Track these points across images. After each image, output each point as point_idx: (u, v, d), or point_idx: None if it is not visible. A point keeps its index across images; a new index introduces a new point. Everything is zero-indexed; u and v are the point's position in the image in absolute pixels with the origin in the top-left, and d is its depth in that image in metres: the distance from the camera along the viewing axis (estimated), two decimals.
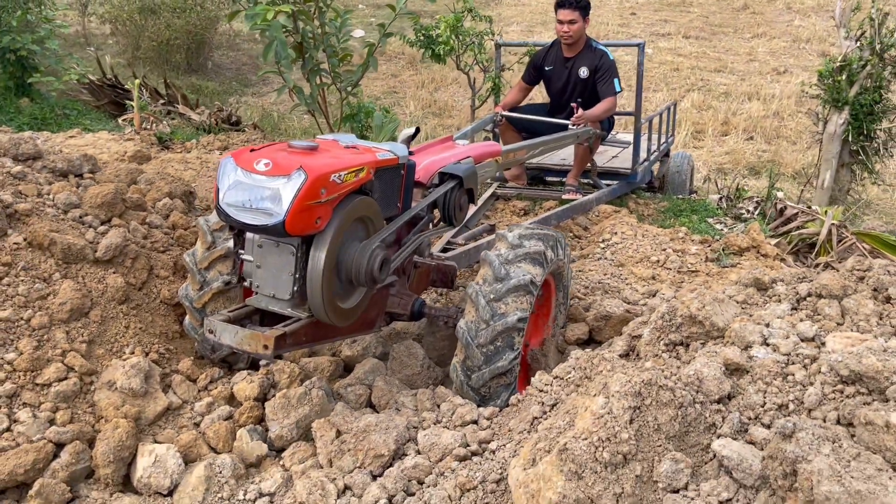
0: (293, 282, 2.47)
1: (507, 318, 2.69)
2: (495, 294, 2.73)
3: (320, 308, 2.49)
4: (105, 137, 6.22)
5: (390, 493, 2.27)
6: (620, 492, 1.62)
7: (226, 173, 2.41)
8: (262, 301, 2.60)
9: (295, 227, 2.31)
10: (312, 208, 2.32)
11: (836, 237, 4.85)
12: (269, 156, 2.39)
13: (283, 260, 2.48)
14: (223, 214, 2.42)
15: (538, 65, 5.93)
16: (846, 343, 1.79)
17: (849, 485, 1.31)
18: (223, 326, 2.50)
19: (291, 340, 2.54)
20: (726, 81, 14.10)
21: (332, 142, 2.76)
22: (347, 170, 2.43)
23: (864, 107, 6.93)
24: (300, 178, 2.28)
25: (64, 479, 2.52)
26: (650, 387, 1.67)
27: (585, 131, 5.23)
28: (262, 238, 2.50)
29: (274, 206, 2.29)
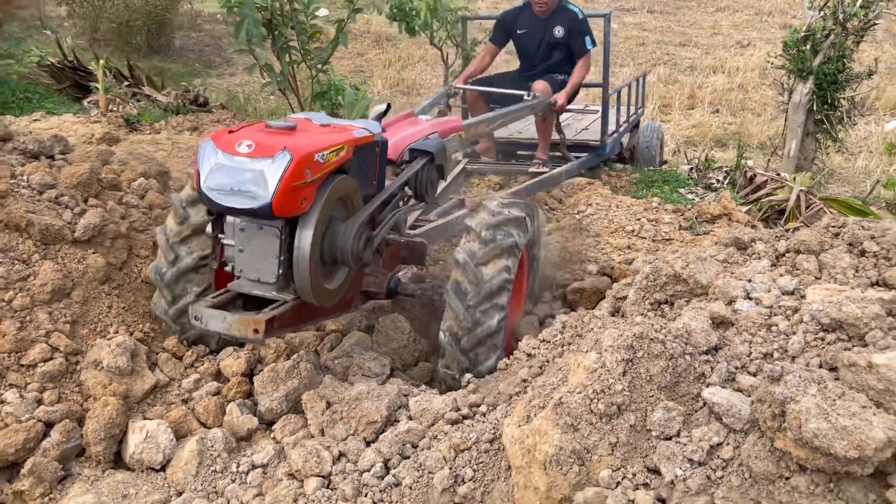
0: (278, 264, 2.44)
1: (493, 281, 2.73)
2: (482, 257, 2.78)
3: (307, 290, 2.47)
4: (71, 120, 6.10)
5: (386, 457, 2.31)
6: (616, 441, 1.67)
7: (206, 157, 2.35)
8: (245, 285, 2.55)
9: (282, 208, 2.28)
10: (298, 189, 2.30)
11: (805, 203, 4.98)
12: (250, 137, 2.34)
13: (268, 243, 2.44)
14: (206, 199, 2.36)
15: (508, 28, 5.83)
16: (825, 294, 1.86)
17: (835, 421, 1.38)
18: (209, 313, 2.46)
19: (279, 323, 2.51)
20: (691, 55, 14.26)
21: (305, 121, 2.73)
22: (329, 149, 2.41)
23: (828, 76, 7.07)
24: (285, 159, 2.25)
25: (55, 458, 2.51)
26: (642, 340, 1.72)
27: (540, 102, 5.21)
28: (244, 221, 2.45)
29: (259, 189, 2.25)
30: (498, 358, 2.77)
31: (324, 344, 3.33)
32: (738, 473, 1.57)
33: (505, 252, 2.80)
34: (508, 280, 2.76)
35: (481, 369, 2.77)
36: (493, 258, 2.78)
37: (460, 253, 2.81)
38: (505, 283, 2.75)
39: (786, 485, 1.52)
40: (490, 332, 2.74)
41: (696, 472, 1.59)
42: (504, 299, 2.77)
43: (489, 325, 2.73)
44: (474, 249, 2.80)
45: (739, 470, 1.57)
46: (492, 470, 2.11)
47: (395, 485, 2.21)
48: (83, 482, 2.53)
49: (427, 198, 3.27)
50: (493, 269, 2.77)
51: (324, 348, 3.31)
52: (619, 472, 1.66)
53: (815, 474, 1.49)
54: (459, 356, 2.77)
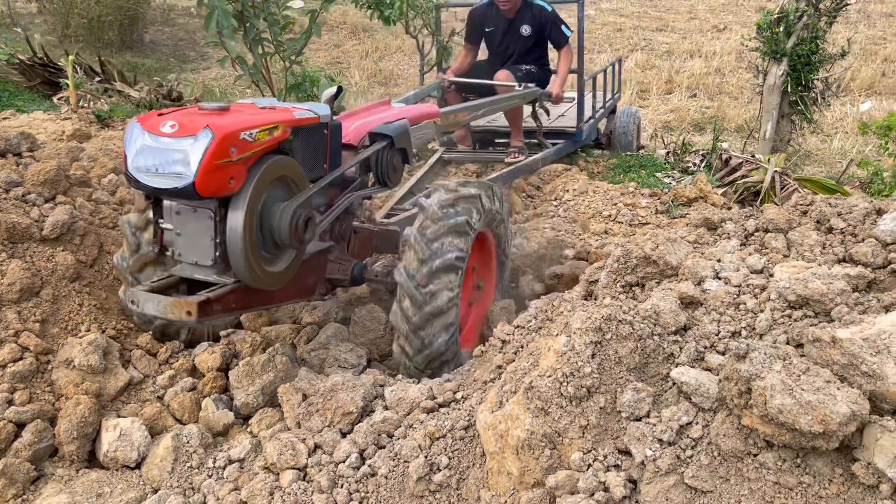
0: (214, 247, 2.42)
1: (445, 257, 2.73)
2: (433, 234, 2.77)
3: (244, 272, 2.43)
4: (41, 118, 6.00)
5: (361, 448, 2.29)
6: (586, 423, 1.67)
7: (132, 138, 2.34)
8: (185, 269, 2.53)
9: (206, 188, 2.25)
10: (223, 168, 2.26)
11: (780, 184, 5.01)
12: (175, 118, 2.32)
13: (202, 225, 2.42)
14: (132, 181, 2.35)
15: (478, 23, 5.86)
16: (792, 271, 1.87)
17: (800, 396, 1.39)
18: (145, 296, 2.43)
19: (219, 307, 2.47)
20: (668, 40, 14.29)
21: (248, 104, 2.70)
22: (259, 128, 2.37)
23: (802, 57, 7.11)
24: (207, 138, 2.22)
25: (27, 458, 2.48)
26: (610, 322, 1.72)
27: (532, 92, 5.23)
28: (179, 204, 2.44)
29: (183, 169, 2.24)
30: (451, 338, 2.76)
31: (300, 336, 3.31)
32: (707, 452, 1.57)
33: (454, 229, 2.77)
34: (459, 258, 2.73)
35: (433, 349, 2.75)
36: (442, 235, 2.75)
37: (410, 231, 2.79)
38: (455, 261, 2.72)
39: (754, 461, 1.52)
40: (438, 310, 2.72)
41: (665, 451, 1.60)
42: (453, 278, 2.74)
43: (438, 305, 2.71)
44: (425, 227, 2.78)
45: (709, 448, 1.57)
46: (467, 457, 2.11)
47: (371, 475, 2.20)
48: (56, 482, 2.50)
49: (389, 182, 3.24)
50: (443, 247, 2.75)
51: (300, 341, 3.29)
52: (589, 454, 1.66)
53: (782, 450, 1.49)
54: (411, 336, 2.75)
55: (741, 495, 1.51)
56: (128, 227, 3.01)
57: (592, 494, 1.60)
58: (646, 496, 1.58)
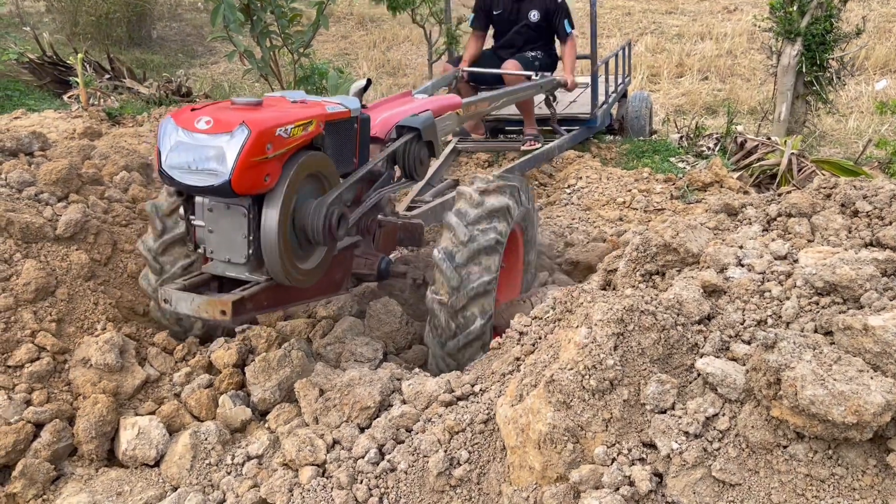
0: (247, 244, 2.38)
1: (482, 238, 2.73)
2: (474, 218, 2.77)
3: (278, 270, 2.41)
4: (52, 116, 6.01)
5: (380, 443, 2.27)
6: (609, 417, 1.64)
7: (166, 134, 2.29)
8: (218, 267, 2.50)
9: (242, 185, 2.21)
10: (259, 165, 2.22)
11: (797, 166, 4.93)
12: (210, 114, 2.28)
13: (235, 222, 2.38)
14: (167, 178, 2.31)
15: (487, 9, 5.81)
16: (818, 257, 1.82)
17: (832, 387, 1.35)
18: (178, 295, 2.40)
19: (252, 305, 2.45)
20: (678, 23, 14.13)
21: (279, 98, 2.66)
22: (294, 123, 2.33)
23: (816, 37, 6.99)
24: (243, 134, 2.18)
25: (47, 458, 2.48)
26: (632, 312, 1.69)
27: (549, 80, 5.17)
28: (212, 201, 2.40)
29: (219, 166, 2.19)
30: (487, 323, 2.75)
31: (316, 331, 3.29)
32: (734, 444, 1.53)
33: (485, 250, 2.75)
34: (492, 280, 2.72)
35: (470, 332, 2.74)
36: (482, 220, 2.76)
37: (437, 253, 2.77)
38: (488, 283, 2.71)
39: (784, 453, 1.49)
40: (474, 335, 2.71)
41: (692, 444, 1.56)
42: (488, 301, 2.73)
43: (475, 286, 2.69)
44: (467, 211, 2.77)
45: (736, 441, 1.54)
46: (487, 451, 2.08)
47: (391, 470, 2.18)
48: (76, 481, 2.50)
49: (416, 175, 3.21)
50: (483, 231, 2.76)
51: (316, 335, 3.27)
52: (613, 448, 1.63)
53: (814, 441, 1.46)
54: (446, 357, 2.75)
55: (771, 488, 1.47)
56: (154, 212, 2.99)
57: (617, 489, 1.57)
58: (672, 490, 1.55)
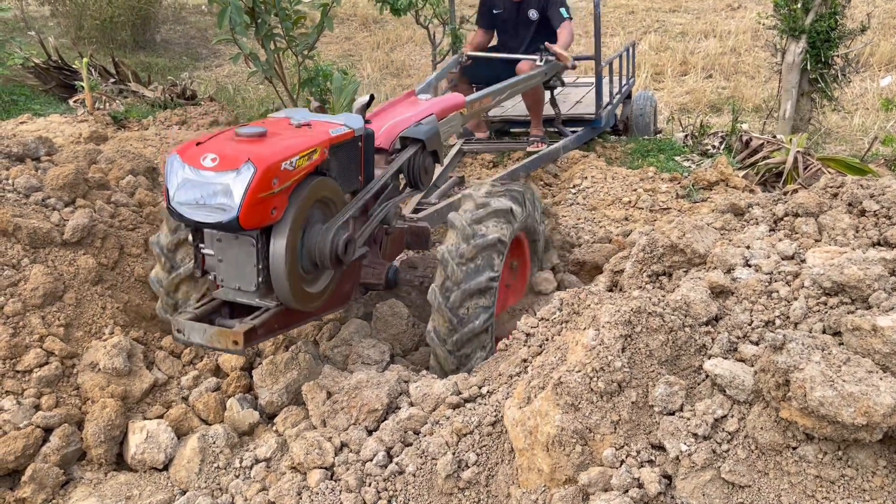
0: (257, 273, 2.42)
1: (485, 237, 2.74)
2: (477, 217, 2.79)
3: (288, 297, 2.45)
4: (58, 121, 6.03)
5: (388, 446, 2.28)
6: (618, 419, 1.64)
7: (173, 171, 2.32)
8: (228, 294, 2.54)
9: (250, 221, 2.25)
10: (266, 200, 2.26)
11: (802, 164, 4.92)
12: (215, 149, 2.30)
13: (245, 252, 2.42)
14: (175, 214, 2.34)
15: (488, 6, 5.82)
16: (826, 257, 1.82)
17: (841, 388, 1.34)
18: (191, 325, 2.44)
19: (263, 331, 2.48)
20: (682, 21, 14.10)
21: (282, 120, 2.66)
22: (299, 154, 2.35)
23: (821, 34, 6.97)
24: (250, 172, 2.20)
25: (56, 463, 2.49)
26: (640, 314, 1.68)
27: (553, 66, 5.13)
28: (220, 232, 2.44)
29: (226, 202, 2.22)
30: (488, 355, 2.75)
31: (322, 333, 3.30)
32: (744, 446, 1.53)
33: (500, 214, 2.76)
34: (493, 279, 2.72)
35: (471, 367, 2.74)
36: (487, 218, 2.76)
37: (443, 251, 2.77)
38: (489, 282, 2.71)
39: (793, 455, 1.48)
40: (475, 332, 2.70)
41: (701, 446, 1.56)
42: (488, 299, 2.73)
43: (473, 326, 2.69)
44: (469, 212, 2.76)
45: (745, 442, 1.54)
46: (495, 453, 2.08)
47: (399, 473, 2.18)
48: (86, 486, 2.51)
49: (422, 185, 3.22)
50: (487, 229, 2.77)
51: (322, 338, 3.27)
52: (622, 450, 1.63)
53: (823, 443, 1.45)
54: (447, 356, 2.74)
55: (781, 489, 1.47)
56: (158, 249, 3.02)
57: (626, 491, 1.57)
58: (682, 492, 1.55)
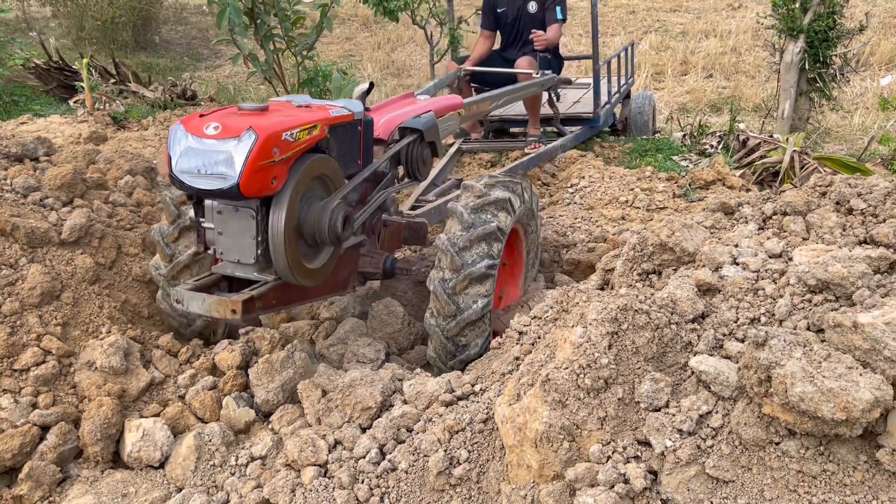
0: (256, 245, 2.45)
1: (486, 225, 2.78)
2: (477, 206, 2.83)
3: (286, 270, 2.48)
4: (57, 121, 6.06)
5: (381, 443, 2.30)
6: (604, 415, 1.66)
7: (176, 140, 2.37)
8: (227, 267, 2.58)
9: (250, 188, 2.28)
10: (266, 168, 2.29)
11: (799, 163, 4.93)
12: (218, 119, 2.35)
13: (244, 224, 2.45)
14: (177, 182, 2.38)
15: (491, 5, 5.89)
16: (812, 255, 1.84)
17: (821, 384, 1.36)
18: (190, 295, 2.48)
19: (261, 304, 2.52)
20: (682, 20, 14.11)
21: (285, 103, 2.73)
22: (300, 127, 2.40)
23: (819, 33, 6.97)
24: (251, 139, 2.25)
25: (53, 461, 2.51)
26: (626, 312, 1.70)
27: (549, 78, 5.20)
28: (221, 204, 2.47)
29: (227, 170, 2.26)
30: (485, 343, 2.77)
31: (319, 332, 3.32)
32: (728, 441, 1.55)
33: (488, 237, 2.78)
34: (492, 266, 2.74)
35: (469, 354, 2.76)
36: (474, 243, 2.77)
37: (442, 238, 2.80)
38: (488, 268, 2.73)
39: (776, 450, 1.50)
40: (473, 319, 2.73)
41: (685, 442, 1.58)
42: (487, 286, 2.75)
43: (476, 270, 2.72)
44: (456, 235, 2.79)
45: (729, 438, 1.55)
46: (486, 450, 2.10)
47: (392, 470, 2.20)
48: (82, 483, 2.53)
49: (419, 175, 3.26)
50: (487, 217, 2.80)
51: (319, 336, 3.30)
52: (609, 446, 1.65)
53: (805, 438, 1.47)
54: (445, 343, 2.77)
55: (764, 484, 1.49)
56: (159, 238, 3.07)
57: (612, 486, 1.59)
58: (667, 487, 1.57)
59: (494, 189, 2.97)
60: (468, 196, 2.94)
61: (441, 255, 2.80)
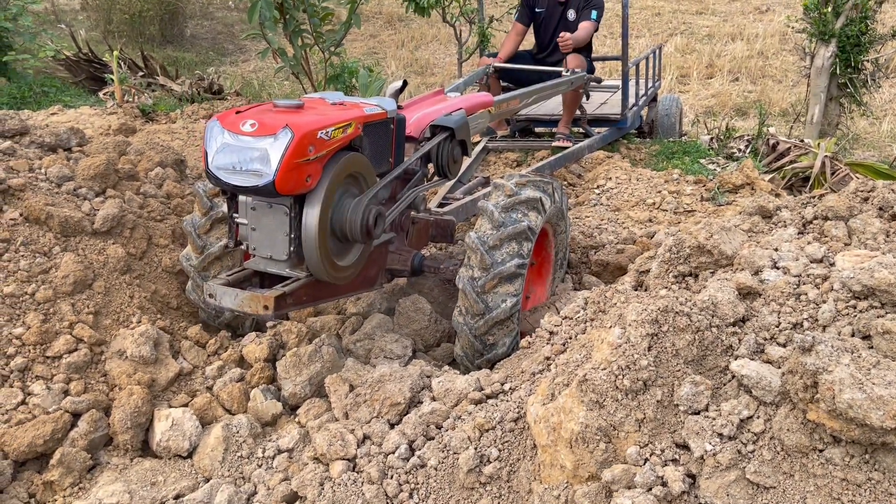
0: (289, 242, 2.46)
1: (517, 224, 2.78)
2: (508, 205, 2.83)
3: (318, 266, 2.49)
4: (87, 113, 6.12)
5: (410, 439, 2.29)
6: (643, 417, 1.64)
7: (213, 136, 2.38)
8: (260, 263, 2.60)
9: (285, 186, 2.29)
10: (301, 166, 2.30)
11: (830, 169, 4.87)
12: (254, 116, 2.36)
13: (278, 221, 2.47)
14: (213, 178, 2.40)
15: (530, 4, 5.89)
16: (856, 261, 1.81)
17: (870, 391, 1.34)
18: (223, 290, 2.50)
19: (292, 300, 2.53)
20: (709, 23, 13.99)
21: (318, 100, 2.73)
22: (335, 126, 2.40)
23: (851, 38, 6.88)
24: (287, 137, 2.26)
25: (84, 447, 2.54)
26: (666, 314, 1.68)
27: (579, 77, 5.19)
28: (255, 200, 2.48)
29: (263, 167, 2.27)
30: (512, 342, 2.75)
31: (345, 327, 3.32)
32: (769, 447, 1.53)
33: (518, 236, 2.77)
34: (522, 265, 2.73)
35: (496, 353, 2.75)
36: (504, 242, 2.76)
37: (472, 236, 2.79)
38: (518, 268, 2.72)
39: (819, 457, 1.48)
40: (502, 318, 2.72)
41: (726, 446, 1.56)
42: (517, 285, 2.74)
43: (505, 269, 2.72)
44: (487, 233, 2.78)
45: (771, 443, 1.53)
46: (517, 449, 2.09)
47: (421, 466, 2.20)
48: (112, 471, 2.55)
49: (450, 174, 3.26)
50: (517, 216, 2.80)
51: (345, 331, 3.30)
52: (646, 448, 1.63)
53: (850, 446, 1.45)
54: (473, 341, 2.76)
55: (806, 492, 1.47)
56: (192, 229, 3.09)
57: (650, 489, 1.57)
58: (706, 491, 1.55)
59: (525, 188, 2.96)
60: (499, 194, 2.94)
61: (471, 254, 2.80)
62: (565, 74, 5.07)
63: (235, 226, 2.59)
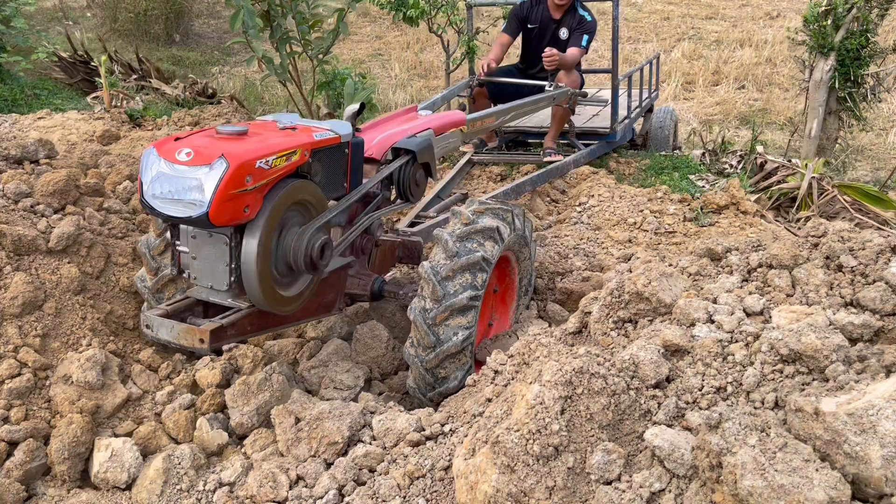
0: (230, 272, 2.41)
1: (471, 255, 2.70)
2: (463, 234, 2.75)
3: (259, 298, 2.43)
4: (74, 117, 6.09)
5: (340, 483, 2.23)
6: (553, 485, 1.57)
7: (149, 164, 2.33)
8: (202, 292, 2.55)
9: (220, 217, 2.23)
10: (238, 197, 2.24)
11: (817, 190, 4.75)
12: (191, 145, 2.30)
13: (218, 251, 2.41)
14: (148, 207, 2.34)
15: (522, 17, 5.78)
16: (791, 317, 1.72)
17: (772, 479, 1.26)
18: (159, 321, 2.45)
19: (233, 331, 2.48)
20: (718, 28, 13.82)
21: (269, 123, 2.67)
22: (277, 154, 2.34)
23: (851, 52, 6.74)
24: (222, 167, 2.20)
25: (18, 478, 2.49)
26: (581, 375, 1.61)
27: (562, 92, 5.09)
28: (195, 229, 2.43)
29: (197, 197, 2.22)
30: (465, 376, 2.68)
31: (303, 352, 3.27)
32: None
33: (472, 267, 2.70)
34: (475, 297, 2.66)
35: (448, 387, 2.68)
36: (457, 273, 2.68)
37: (425, 266, 2.72)
38: (471, 300, 2.65)
39: None
40: (453, 351, 2.65)
41: None
42: (469, 318, 2.67)
43: (453, 343, 2.63)
44: (440, 264, 2.71)
45: None
46: (445, 499, 2.02)
47: None
48: (47, 502, 2.50)
49: (412, 197, 3.19)
50: (471, 246, 2.73)
51: (303, 356, 3.24)
52: None
53: None
54: (424, 374, 2.69)
55: None
56: (146, 250, 3.04)
57: None
58: None
59: (483, 217, 2.88)
60: (455, 223, 2.86)
61: (423, 284, 2.73)
62: (549, 89, 4.97)
63: (178, 254, 2.54)
